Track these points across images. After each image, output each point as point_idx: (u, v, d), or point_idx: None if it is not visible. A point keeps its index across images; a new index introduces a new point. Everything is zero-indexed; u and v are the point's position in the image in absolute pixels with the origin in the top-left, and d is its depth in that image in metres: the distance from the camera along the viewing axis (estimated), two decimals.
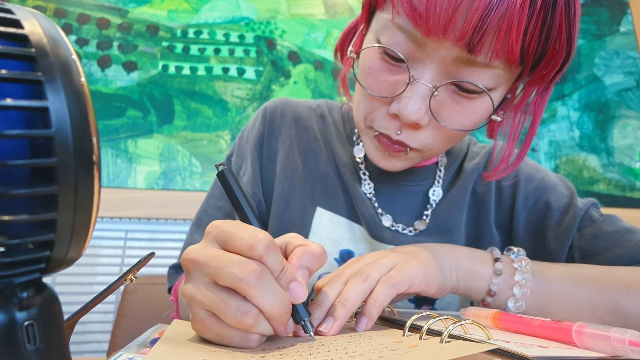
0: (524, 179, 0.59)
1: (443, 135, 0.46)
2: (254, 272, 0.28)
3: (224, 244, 0.30)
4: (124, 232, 1.40)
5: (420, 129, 0.45)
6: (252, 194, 0.59)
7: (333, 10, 1.68)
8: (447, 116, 0.44)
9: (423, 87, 0.42)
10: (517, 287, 0.42)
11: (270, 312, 0.29)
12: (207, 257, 0.29)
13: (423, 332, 0.29)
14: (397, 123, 0.46)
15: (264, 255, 0.28)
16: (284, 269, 0.30)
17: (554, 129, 1.75)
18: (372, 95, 0.46)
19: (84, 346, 1.31)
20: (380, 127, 0.47)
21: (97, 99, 1.43)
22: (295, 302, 0.31)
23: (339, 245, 0.58)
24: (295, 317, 0.31)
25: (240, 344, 0.30)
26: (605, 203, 1.70)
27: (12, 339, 0.18)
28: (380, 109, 0.47)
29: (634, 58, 1.86)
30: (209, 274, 0.29)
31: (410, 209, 0.59)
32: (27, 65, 0.17)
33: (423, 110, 0.43)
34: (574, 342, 0.28)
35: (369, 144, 0.51)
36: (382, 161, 0.50)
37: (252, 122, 0.65)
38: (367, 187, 0.58)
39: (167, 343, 0.30)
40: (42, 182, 0.17)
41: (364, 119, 0.49)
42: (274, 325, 0.30)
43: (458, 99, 0.43)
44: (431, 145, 0.47)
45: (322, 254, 0.33)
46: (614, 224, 0.52)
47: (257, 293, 0.28)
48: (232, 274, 0.28)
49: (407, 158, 0.49)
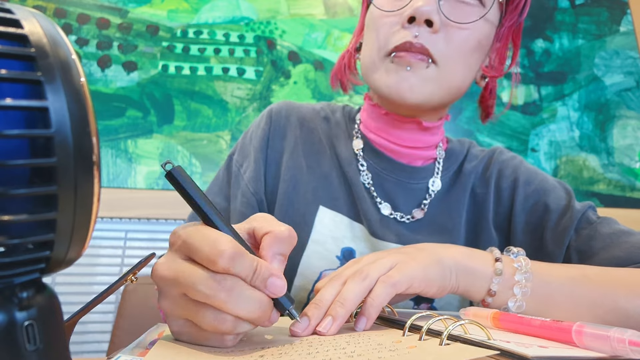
0: (523, 181, 0.60)
1: (456, 42, 0.52)
2: (222, 289, 0.27)
3: (188, 254, 0.29)
4: (124, 232, 1.40)
5: (435, 34, 0.51)
6: (254, 192, 0.60)
7: (333, 11, 1.68)
8: (455, 15, 0.52)
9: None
10: (517, 287, 0.42)
11: (248, 317, 0.28)
12: (174, 273, 0.29)
13: (423, 332, 0.29)
14: (412, 28, 0.51)
15: (230, 267, 0.27)
16: (256, 270, 0.29)
17: (554, 129, 1.75)
18: (385, 19, 0.53)
19: (83, 346, 1.31)
20: (398, 40, 0.52)
21: (97, 99, 1.43)
22: (276, 296, 0.30)
23: (341, 243, 0.58)
24: (278, 308, 0.31)
25: (218, 344, 0.30)
26: (605, 203, 1.70)
27: (12, 339, 0.18)
28: (394, 28, 0.53)
29: (634, 58, 1.86)
30: (179, 289, 0.29)
31: (409, 200, 0.60)
32: (27, 65, 0.17)
33: (434, 7, 0.50)
34: (574, 342, 0.28)
35: (385, 75, 0.54)
36: (402, 83, 0.52)
37: (256, 122, 0.65)
38: (365, 177, 0.60)
39: (165, 345, 0.30)
40: (42, 182, 0.17)
41: (377, 50, 0.54)
42: (255, 324, 0.30)
43: (460, 6, 0.52)
44: (446, 57, 0.52)
45: (291, 235, 0.32)
46: (611, 225, 0.53)
47: (230, 306, 0.27)
48: (201, 293, 0.27)
49: (425, 77, 0.52)
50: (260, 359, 0.27)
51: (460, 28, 0.52)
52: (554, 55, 1.82)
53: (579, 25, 1.87)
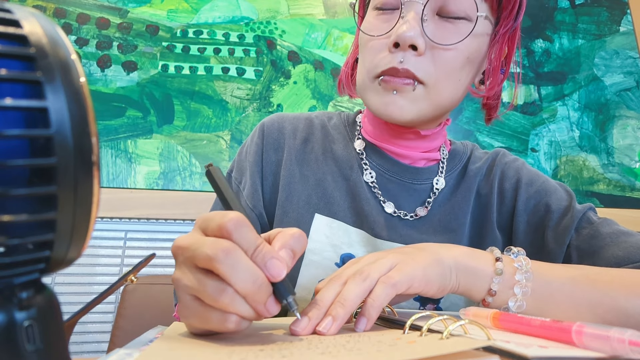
0: (525, 182, 0.61)
1: (442, 63, 0.52)
2: (222, 249, 0.28)
3: (204, 230, 0.31)
4: (124, 232, 1.39)
5: (420, 56, 0.51)
6: (252, 207, 0.60)
7: (333, 11, 1.68)
8: (439, 37, 0.51)
9: (415, 8, 0.50)
10: (517, 287, 0.42)
11: (243, 289, 0.29)
12: (188, 242, 0.31)
13: (423, 331, 0.29)
14: (397, 54, 0.51)
15: (233, 231, 0.29)
16: (258, 247, 0.30)
17: (553, 129, 1.75)
18: (373, 43, 0.53)
19: (83, 346, 1.31)
20: (384, 65, 0.52)
21: (97, 99, 1.43)
22: (274, 279, 0.30)
23: (340, 250, 0.58)
24: (277, 295, 0.31)
25: (219, 325, 0.30)
26: (605, 203, 1.70)
27: (12, 339, 0.18)
28: (381, 52, 0.53)
29: (634, 58, 1.86)
30: (190, 258, 0.30)
31: (413, 199, 0.61)
32: (26, 65, 0.17)
33: (418, 31, 0.50)
34: (574, 342, 0.28)
35: (374, 97, 0.54)
36: (389, 106, 0.53)
37: (250, 138, 0.66)
38: (368, 176, 0.60)
39: (166, 340, 0.30)
40: (42, 182, 0.17)
41: (367, 72, 0.54)
42: (252, 305, 0.30)
43: (445, 25, 0.52)
44: (434, 77, 0.52)
45: (302, 235, 0.34)
46: (611, 226, 0.54)
47: (226, 269, 0.28)
48: (203, 254, 0.29)
49: (414, 96, 0.52)
50: (260, 352, 0.27)
51: (446, 49, 0.51)
52: (554, 55, 1.82)
53: (579, 25, 1.87)
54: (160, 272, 1.33)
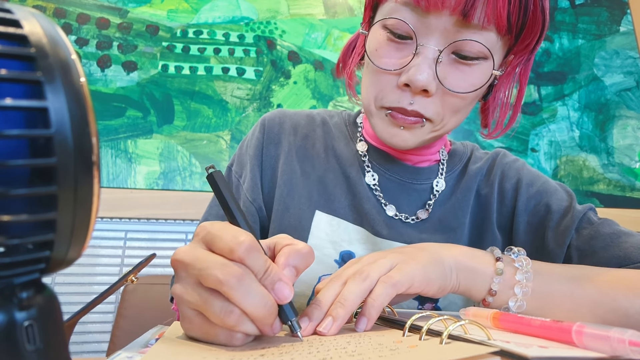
0: (526, 183, 0.61)
1: (451, 104, 0.51)
2: (234, 275, 0.28)
3: (209, 245, 0.30)
4: (124, 232, 1.39)
5: (430, 97, 0.50)
6: (252, 200, 0.60)
7: (333, 11, 1.68)
8: (452, 82, 0.49)
9: (429, 52, 0.48)
10: (518, 287, 0.42)
11: (253, 313, 0.29)
12: (192, 259, 0.30)
13: (423, 332, 0.29)
14: (408, 94, 0.50)
15: (245, 257, 0.29)
16: (267, 270, 0.30)
17: (554, 129, 1.75)
18: (382, 73, 0.51)
19: (83, 346, 1.31)
20: (392, 102, 0.51)
21: (97, 99, 1.43)
22: (281, 302, 0.30)
23: (339, 247, 0.58)
24: (282, 317, 0.31)
25: (225, 342, 0.30)
26: (605, 203, 1.70)
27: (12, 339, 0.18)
28: (390, 85, 0.51)
29: (634, 58, 1.86)
30: (194, 275, 0.30)
31: (413, 201, 0.61)
32: (26, 65, 0.17)
33: (431, 75, 0.48)
34: (574, 342, 0.28)
35: (380, 124, 0.54)
36: (395, 137, 0.53)
37: (251, 132, 0.67)
38: (370, 178, 0.61)
39: (167, 342, 0.30)
40: (42, 182, 0.17)
41: (374, 100, 0.53)
42: (259, 326, 0.30)
43: (460, 67, 0.49)
44: (442, 115, 0.51)
45: (309, 252, 0.33)
46: (611, 226, 0.54)
47: (238, 295, 0.28)
48: (213, 277, 0.28)
49: (420, 132, 0.52)
50: (260, 357, 0.27)
51: (456, 95, 0.50)
52: (554, 55, 1.82)
53: (579, 25, 1.87)
54: (160, 272, 1.33)
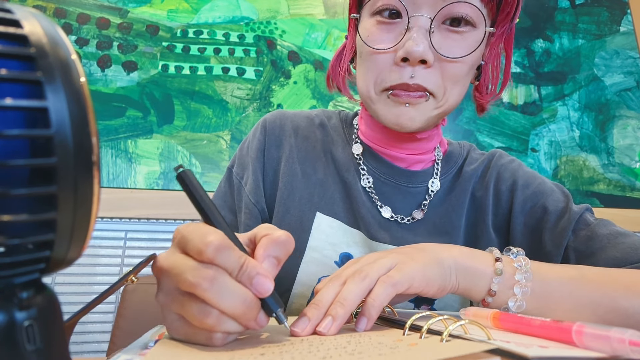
0: (522, 184, 0.61)
1: (450, 74, 0.52)
2: (205, 277, 0.28)
3: (183, 248, 0.30)
4: (124, 232, 1.39)
5: (429, 68, 0.51)
6: (255, 203, 0.60)
7: (333, 10, 1.68)
8: (447, 50, 0.51)
9: (422, 21, 0.50)
10: (517, 287, 0.42)
11: (231, 312, 0.29)
12: (169, 265, 0.30)
13: (423, 331, 0.29)
14: (407, 69, 0.51)
15: (214, 257, 0.28)
16: (243, 265, 0.29)
17: (554, 129, 1.75)
18: (378, 55, 0.52)
19: (83, 346, 1.31)
20: (394, 80, 0.52)
21: (97, 99, 1.43)
22: (261, 296, 0.30)
23: (339, 249, 0.58)
24: (266, 310, 0.31)
25: (206, 342, 0.30)
26: (605, 203, 1.70)
27: (12, 339, 0.18)
28: (388, 65, 0.52)
29: (634, 58, 1.85)
30: (173, 281, 0.29)
31: (409, 202, 0.61)
32: (26, 65, 0.17)
33: (426, 44, 0.50)
34: (574, 342, 0.28)
35: (383, 108, 0.54)
36: (401, 117, 0.53)
37: (252, 134, 0.66)
38: (366, 181, 0.61)
39: (166, 344, 0.30)
40: (42, 182, 0.17)
41: (373, 84, 0.54)
42: (242, 323, 0.30)
43: (452, 36, 0.51)
44: (443, 88, 0.53)
45: (288, 240, 0.33)
46: (608, 227, 0.54)
47: (213, 296, 0.28)
48: (187, 281, 0.28)
49: (425, 107, 0.53)
50: (261, 357, 0.27)
51: (453, 62, 0.52)
52: (554, 55, 1.82)
53: (579, 25, 1.87)
54: None
